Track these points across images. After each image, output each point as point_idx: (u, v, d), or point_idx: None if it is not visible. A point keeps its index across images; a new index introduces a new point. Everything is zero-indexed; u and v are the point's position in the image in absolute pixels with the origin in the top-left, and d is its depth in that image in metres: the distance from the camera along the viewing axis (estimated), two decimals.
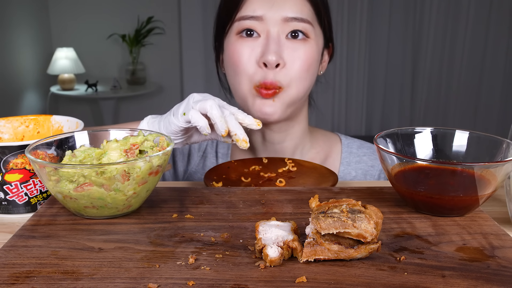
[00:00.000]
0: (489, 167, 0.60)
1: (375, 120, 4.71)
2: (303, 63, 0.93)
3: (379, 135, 0.69)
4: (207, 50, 4.31)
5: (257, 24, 0.93)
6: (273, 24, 0.92)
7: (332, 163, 1.08)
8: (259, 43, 0.93)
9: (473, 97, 4.51)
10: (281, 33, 0.92)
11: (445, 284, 0.47)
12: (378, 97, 4.65)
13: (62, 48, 3.94)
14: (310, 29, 0.94)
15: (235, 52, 0.94)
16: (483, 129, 4.11)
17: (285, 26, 0.92)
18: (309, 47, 0.94)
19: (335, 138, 1.13)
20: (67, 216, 0.62)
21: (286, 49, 0.92)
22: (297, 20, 0.92)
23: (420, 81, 4.54)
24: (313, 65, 0.95)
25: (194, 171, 1.12)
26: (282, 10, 0.92)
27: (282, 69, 0.92)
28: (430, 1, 4.32)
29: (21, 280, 0.47)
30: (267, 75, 0.91)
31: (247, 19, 0.93)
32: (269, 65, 0.90)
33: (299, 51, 0.93)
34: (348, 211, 0.51)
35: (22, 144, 0.68)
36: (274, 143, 1.04)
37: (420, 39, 4.44)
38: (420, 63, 4.50)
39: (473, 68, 4.43)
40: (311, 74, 0.96)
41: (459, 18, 4.33)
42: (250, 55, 0.93)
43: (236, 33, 0.95)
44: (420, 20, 4.40)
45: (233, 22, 0.95)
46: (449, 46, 4.41)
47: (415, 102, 4.62)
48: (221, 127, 0.76)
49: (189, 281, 0.47)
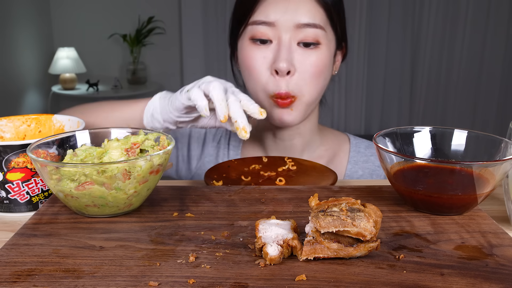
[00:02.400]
0: (487, 166, 0.60)
1: (374, 120, 4.71)
2: (315, 70, 0.94)
3: (378, 134, 0.70)
4: (207, 50, 4.32)
5: (269, 30, 0.93)
6: (285, 30, 0.93)
7: (340, 161, 1.10)
8: (271, 49, 0.94)
9: (471, 97, 4.51)
10: (292, 40, 0.93)
11: (444, 282, 0.47)
12: (377, 97, 4.65)
13: (64, 48, 3.94)
14: (322, 34, 0.94)
15: (248, 58, 0.96)
16: (482, 128, 4.11)
17: (297, 32, 0.93)
18: (321, 53, 0.94)
19: (343, 137, 1.14)
20: (68, 215, 0.62)
21: (297, 55, 0.93)
22: (309, 26, 0.92)
23: (419, 81, 4.54)
24: (324, 70, 0.96)
25: (207, 160, 1.13)
26: (294, 16, 0.92)
27: (293, 76, 0.93)
28: (429, 2, 4.33)
29: (22, 278, 0.48)
30: (280, 85, 0.93)
31: (260, 24, 0.94)
32: (280, 72, 0.92)
33: (310, 58, 0.93)
34: (347, 209, 0.51)
35: (23, 143, 0.69)
36: (284, 140, 1.06)
37: (418, 39, 4.44)
38: (419, 63, 4.50)
39: (471, 68, 4.43)
40: (323, 78, 0.97)
41: (458, 19, 4.33)
42: (262, 62, 0.94)
43: (249, 37, 0.96)
44: (419, 20, 4.40)
45: (246, 25, 0.97)
46: (447, 46, 4.41)
47: (414, 102, 4.62)
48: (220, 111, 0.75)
49: (189, 279, 0.47)
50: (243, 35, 0.98)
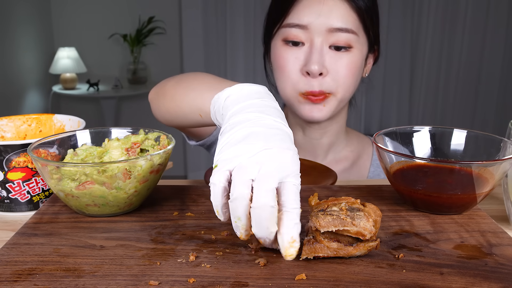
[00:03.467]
0: (486, 165, 0.60)
1: (374, 119, 4.72)
2: (347, 71, 0.95)
3: (378, 133, 0.70)
4: (207, 50, 4.31)
5: (302, 33, 0.94)
6: (318, 33, 0.93)
7: (363, 163, 1.12)
8: (303, 51, 0.95)
9: (471, 96, 4.52)
10: (324, 43, 0.94)
11: (443, 281, 0.47)
12: (376, 96, 4.65)
13: (64, 48, 3.94)
14: (354, 39, 0.94)
15: (280, 58, 0.97)
16: (481, 128, 4.11)
17: (330, 36, 0.93)
18: (352, 56, 0.95)
19: (367, 140, 1.17)
20: (69, 214, 0.63)
21: (329, 58, 0.94)
22: (341, 31, 0.93)
23: (418, 81, 4.55)
24: (356, 72, 0.97)
25: None
26: (327, 20, 0.93)
27: (325, 77, 0.94)
28: (428, 2, 4.33)
29: (23, 277, 0.48)
30: (312, 84, 0.94)
31: (293, 26, 0.95)
32: (312, 74, 0.93)
33: (342, 60, 0.94)
34: (347, 209, 0.51)
35: (24, 143, 0.69)
36: (312, 138, 1.08)
37: (418, 39, 4.44)
38: (418, 63, 4.50)
39: (471, 68, 4.44)
40: (355, 80, 0.98)
41: (457, 19, 4.34)
42: (294, 63, 0.95)
43: (281, 39, 0.97)
44: (418, 20, 4.40)
45: (280, 27, 0.98)
46: (447, 46, 4.42)
47: (414, 101, 4.62)
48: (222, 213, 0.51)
49: (189, 278, 0.47)
50: (277, 36, 0.99)
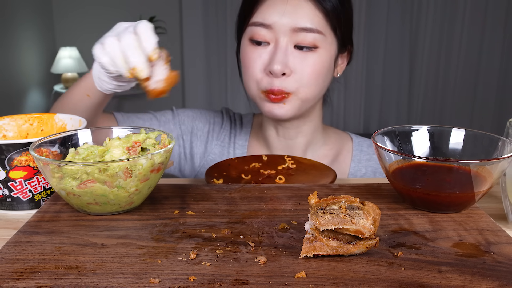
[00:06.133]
0: (485, 164, 0.60)
1: (373, 118, 4.72)
2: (312, 72, 0.94)
3: (377, 133, 0.70)
4: (208, 50, 4.32)
5: (267, 33, 0.94)
6: (282, 33, 0.93)
7: (343, 160, 1.11)
8: (267, 51, 0.95)
9: (469, 96, 4.53)
10: (289, 43, 0.93)
11: (442, 279, 0.48)
12: (376, 96, 4.66)
13: (66, 47, 3.95)
14: (320, 38, 0.94)
15: (245, 57, 0.98)
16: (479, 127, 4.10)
17: (295, 36, 0.93)
18: (318, 57, 0.94)
19: (346, 136, 1.16)
20: (70, 213, 0.63)
21: (294, 58, 0.93)
22: (306, 31, 0.92)
23: (417, 80, 4.55)
24: (323, 73, 0.97)
25: (211, 158, 1.14)
26: (291, 19, 0.92)
27: (288, 77, 0.94)
28: (427, 1, 4.33)
29: (25, 275, 0.48)
30: (273, 83, 0.94)
31: (258, 25, 0.95)
32: (274, 74, 0.93)
33: (307, 60, 0.94)
34: (346, 207, 0.52)
35: (26, 142, 0.69)
36: (286, 138, 1.08)
37: (417, 38, 4.44)
38: (417, 62, 4.51)
39: (469, 68, 4.45)
40: (321, 80, 0.97)
41: (456, 18, 4.34)
42: (258, 62, 0.96)
43: (248, 37, 0.98)
44: (417, 19, 4.40)
45: (247, 26, 0.98)
46: (445, 45, 4.42)
47: (412, 101, 4.63)
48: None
49: (190, 276, 0.48)
50: (245, 35, 1.00)
